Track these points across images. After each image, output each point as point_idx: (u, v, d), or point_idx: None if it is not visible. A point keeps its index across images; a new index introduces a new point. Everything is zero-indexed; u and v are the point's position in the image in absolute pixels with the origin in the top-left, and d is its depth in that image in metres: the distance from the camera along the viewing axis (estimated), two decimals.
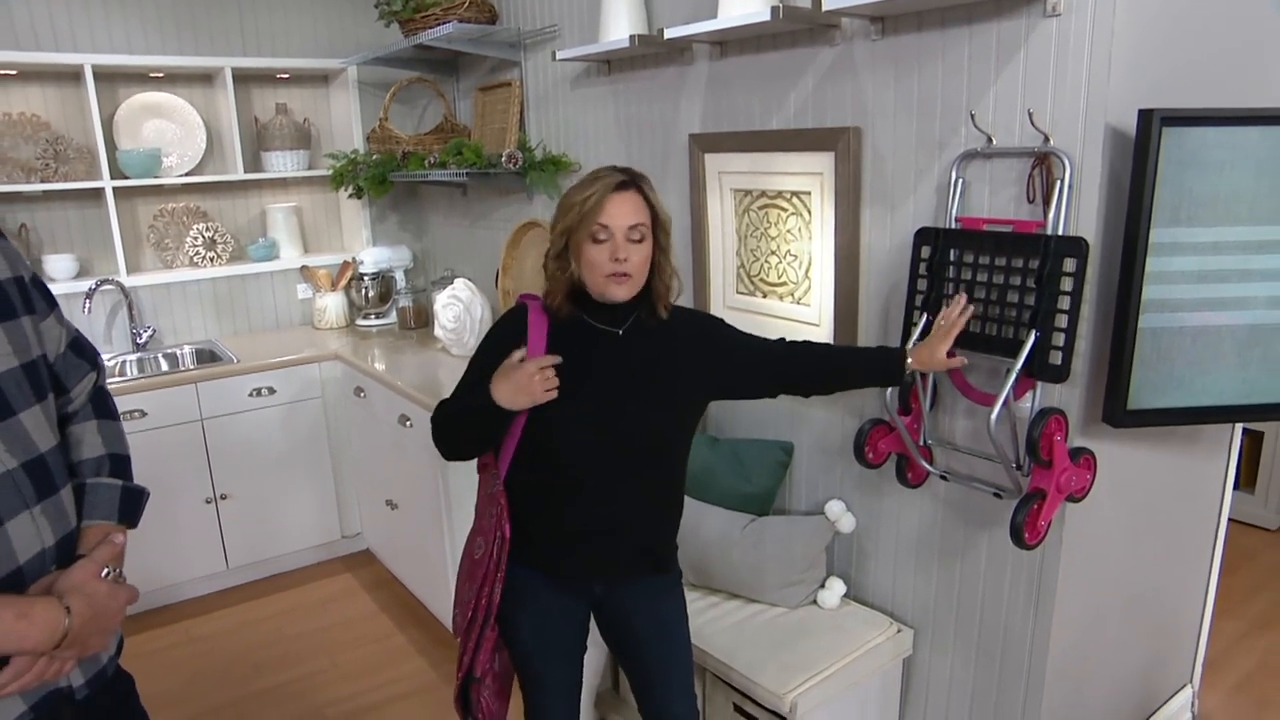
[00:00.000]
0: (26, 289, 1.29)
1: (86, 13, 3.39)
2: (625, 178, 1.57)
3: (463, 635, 1.72)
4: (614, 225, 1.53)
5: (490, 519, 1.65)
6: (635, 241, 1.56)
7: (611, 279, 1.54)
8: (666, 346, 1.67)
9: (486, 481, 1.71)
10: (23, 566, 1.15)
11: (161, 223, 3.79)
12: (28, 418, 1.20)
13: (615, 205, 1.54)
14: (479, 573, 1.66)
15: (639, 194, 1.58)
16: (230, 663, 3.01)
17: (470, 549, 1.75)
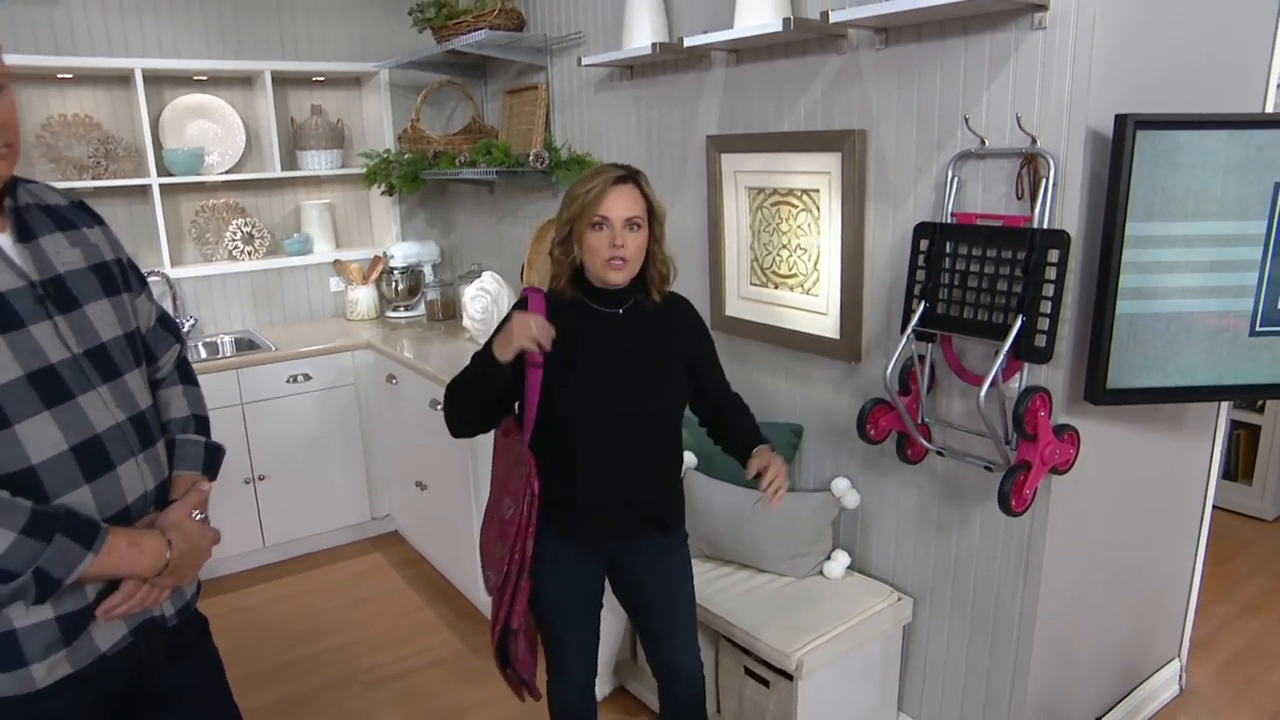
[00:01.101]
0: (125, 269, 1.47)
1: (138, 20, 3.59)
2: (624, 173, 1.74)
3: (498, 591, 1.88)
4: (612, 215, 1.69)
5: (519, 479, 1.79)
6: (631, 230, 1.72)
7: (609, 264, 1.70)
8: (661, 328, 1.83)
9: (511, 446, 1.85)
10: (130, 506, 1.33)
11: (203, 218, 3.98)
12: (131, 379, 1.38)
13: (614, 197, 1.70)
14: (511, 530, 1.80)
15: (636, 188, 1.74)
16: (268, 633, 3.19)
17: (498, 511, 1.89)
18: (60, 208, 1.40)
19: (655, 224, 1.76)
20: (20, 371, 1.21)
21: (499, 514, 1.90)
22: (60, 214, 1.39)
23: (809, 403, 2.47)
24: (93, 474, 1.27)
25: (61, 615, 1.27)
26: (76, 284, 1.34)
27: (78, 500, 1.25)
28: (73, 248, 1.36)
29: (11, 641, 1.23)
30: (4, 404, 1.19)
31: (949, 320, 1.91)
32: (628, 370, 1.77)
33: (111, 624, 1.34)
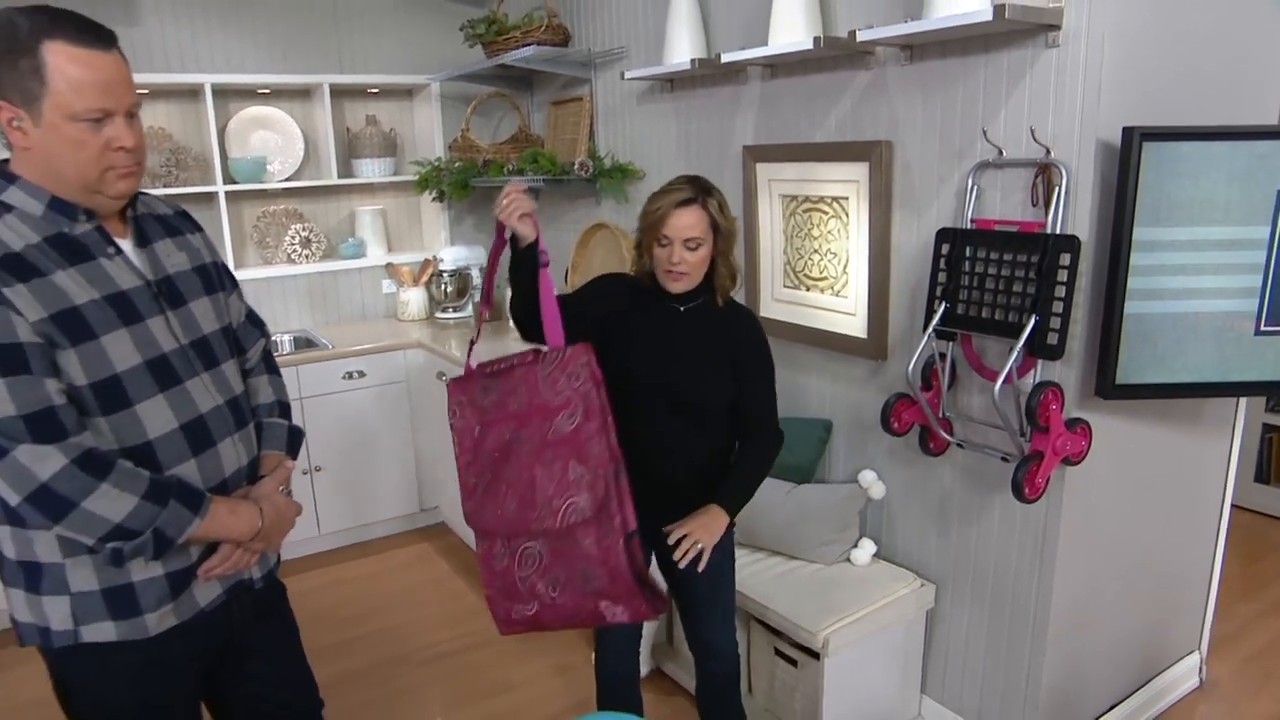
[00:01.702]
0: (220, 271, 1.66)
1: (208, 38, 3.82)
2: (690, 195, 1.86)
3: (601, 502, 1.77)
4: (674, 236, 1.84)
5: (574, 387, 1.78)
6: (690, 249, 1.86)
7: (669, 275, 1.86)
8: (717, 331, 1.97)
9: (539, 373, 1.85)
10: (228, 479, 1.51)
11: (264, 223, 4.21)
12: (227, 368, 1.56)
13: (676, 219, 1.84)
14: (584, 440, 1.75)
15: (701, 209, 1.86)
16: (325, 614, 3.38)
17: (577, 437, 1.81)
18: (168, 216, 1.59)
19: (720, 239, 1.89)
20: (140, 359, 1.40)
21: (579, 440, 1.77)
22: (168, 222, 1.58)
23: (838, 399, 2.60)
24: (198, 449, 1.46)
25: (170, 573, 1.45)
26: (183, 283, 1.52)
27: (186, 472, 1.44)
28: (179, 251, 1.55)
29: (129, 593, 1.42)
30: (127, 387, 1.38)
31: (968, 320, 2.03)
32: (676, 358, 1.91)
33: (209, 584, 1.52)
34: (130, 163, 1.39)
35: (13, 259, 1.30)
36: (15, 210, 1.35)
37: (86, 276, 1.37)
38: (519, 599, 1.85)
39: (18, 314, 1.27)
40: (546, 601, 1.83)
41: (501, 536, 1.83)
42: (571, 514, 1.74)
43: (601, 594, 1.81)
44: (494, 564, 1.86)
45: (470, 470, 1.87)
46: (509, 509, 1.79)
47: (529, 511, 1.77)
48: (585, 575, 1.79)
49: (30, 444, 1.26)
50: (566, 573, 1.80)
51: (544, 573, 1.82)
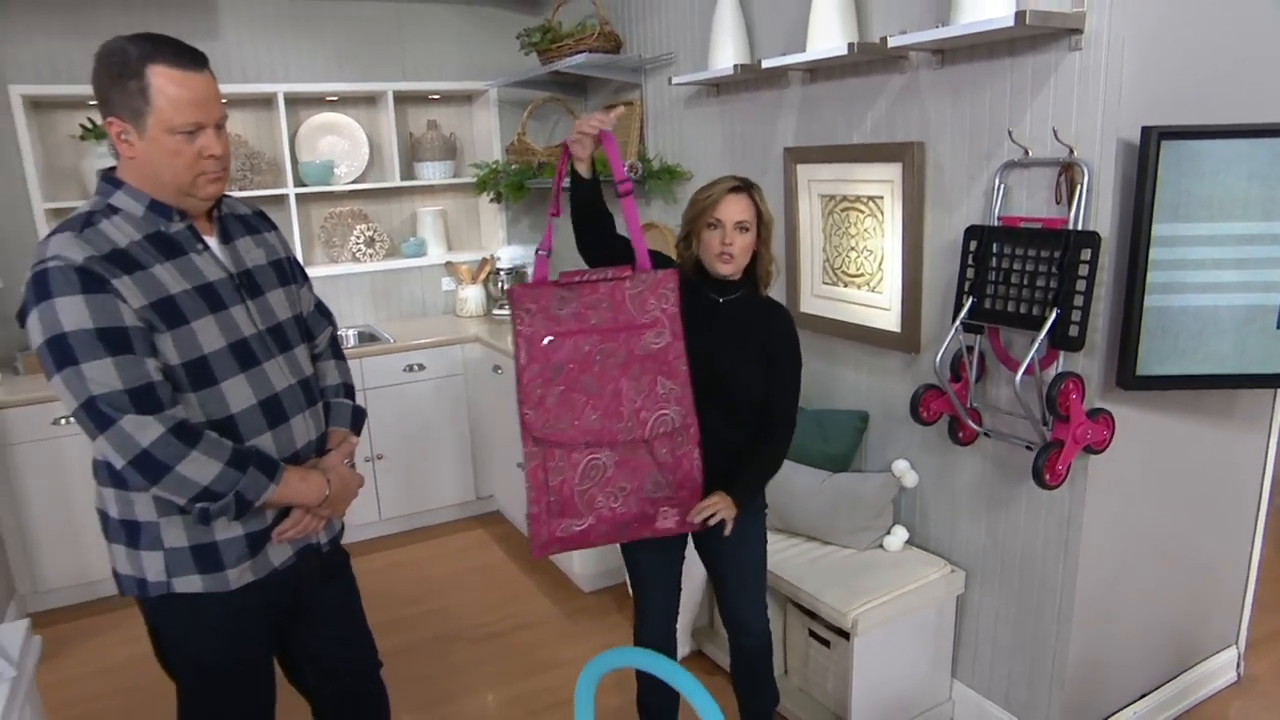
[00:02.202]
0: (292, 265, 1.83)
1: (282, 50, 4.06)
2: (739, 184, 2.01)
3: (688, 411, 1.94)
4: (725, 218, 1.97)
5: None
6: (740, 232, 1.99)
7: (719, 258, 1.98)
8: (754, 323, 2.08)
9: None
10: (299, 450, 1.68)
11: (330, 223, 4.44)
12: (299, 352, 1.74)
13: (728, 204, 1.98)
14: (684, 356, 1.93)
15: (748, 198, 2.01)
16: (383, 594, 3.57)
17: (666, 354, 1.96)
18: (247, 216, 1.77)
19: (763, 229, 2.02)
20: (224, 342, 1.57)
21: (629, 353, 1.89)
22: (248, 221, 1.76)
23: (873, 391, 2.69)
24: (273, 423, 1.63)
25: (248, 533, 1.62)
26: (261, 276, 1.70)
27: (263, 444, 1.61)
28: (257, 248, 1.73)
29: (214, 550, 1.60)
30: (213, 367, 1.55)
31: (994, 313, 2.11)
32: (713, 348, 2.03)
33: (281, 546, 1.69)
34: (218, 169, 1.56)
35: (119, 254, 1.49)
36: (121, 212, 1.54)
37: (180, 269, 1.56)
38: (572, 514, 1.93)
39: (124, 301, 1.46)
40: (604, 514, 1.94)
41: (568, 447, 1.89)
42: (661, 425, 1.90)
43: (665, 500, 1.96)
44: (549, 479, 1.91)
45: (537, 379, 1.89)
46: (589, 420, 1.88)
47: (614, 422, 1.88)
48: (654, 483, 1.95)
49: (134, 414, 1.44)
50: (633, 482, 1.94)
51: (606, 484, 1.93)
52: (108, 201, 1.54)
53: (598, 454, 1.90)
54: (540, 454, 1.90)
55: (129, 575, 1.63)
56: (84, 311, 1.43)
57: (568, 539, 1.94)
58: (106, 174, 1.58)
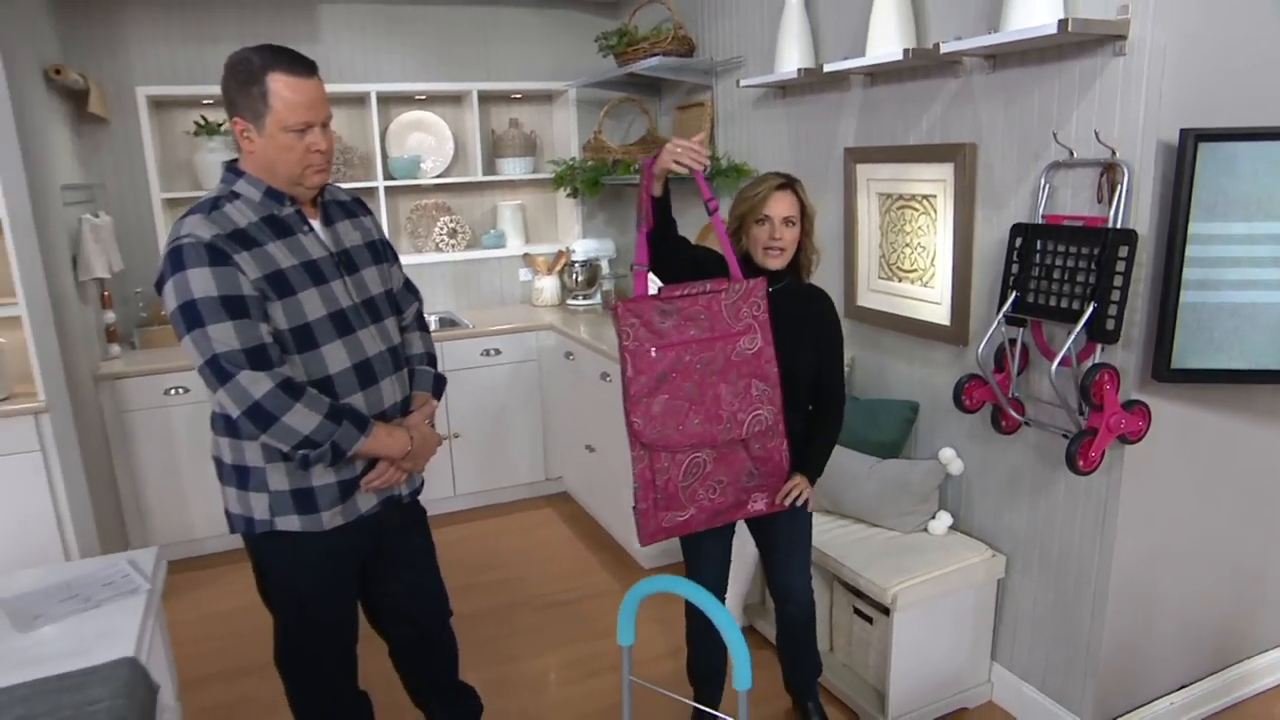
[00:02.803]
0: (385, 247, 2.05)
1: (375, 53, 4.35)
2: (784, 181, 2.16)
3: (778, 409, 2.13)
4: (773, 214, 2.12)
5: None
6: (787, 227, 2.14)
7: (768, 252, 2.13)
8: (801, 309, 2.22)
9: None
10: (386, 410, 1.90)
11: (416, 215, 4.72)
12: (389, 323, 1.95)
13: (775, 201, 2.13)
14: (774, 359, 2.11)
15: (793, 193, 2.16)
16: (455, 564, 3.80)
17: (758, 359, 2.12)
18: (347, 202, 2.00)
19: (807, 222, 2.17)
20: (325, 312, 1.80)
21: (726, 360, 2.05)
22: (347, 206, 1.98)
23: (924, 382, 2.80)
24: (365, 385, 1.85)
25: (340, 481, 1.85)
26: (357, 255, 1.92)
27: (355, 402, 1.83)
28: (355, 230, 1.95)
29: (311, 495, 1.82)
30: (315, 333, 1.78)
31: (1035, 307, 2.21)
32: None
33: (368, 495, 1.91)
34: (323, 162, 1.79)
35: (240, 233, 1.72)
36: (242, 197, 1.77)
37: (289, 247, 1.79)
38: (675, 506, 2.12)
39: (242, 273, 1.69)
40: (704, 504, 2.14)
41: (674, 450, 2.05)
42: (756, 424, 2.09)
43: (757, 488, 2.18)
44: (656, 478, 2.07)
45: (644, 389, 2.02)
46: (692, 424, 2.04)
47: (714, 425, 2.06)
48: (747, 474, 2.15)
49: (249, 370, 1.67)
50: (729, 475, 2.13)
51: (706, 479, 2.13)
52: (231, 188, 1.78)
53: (699, 453, 2.09)
54: (647, 456, 2.07)
55: (239, 514, 1.87)
56: (210, 281, 1.66)
57: (672, 528, 2.14)
58: (230, 165, 1.82)
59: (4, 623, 1.53)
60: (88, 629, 1.49)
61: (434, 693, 2.27)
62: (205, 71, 4.01)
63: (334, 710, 2.07)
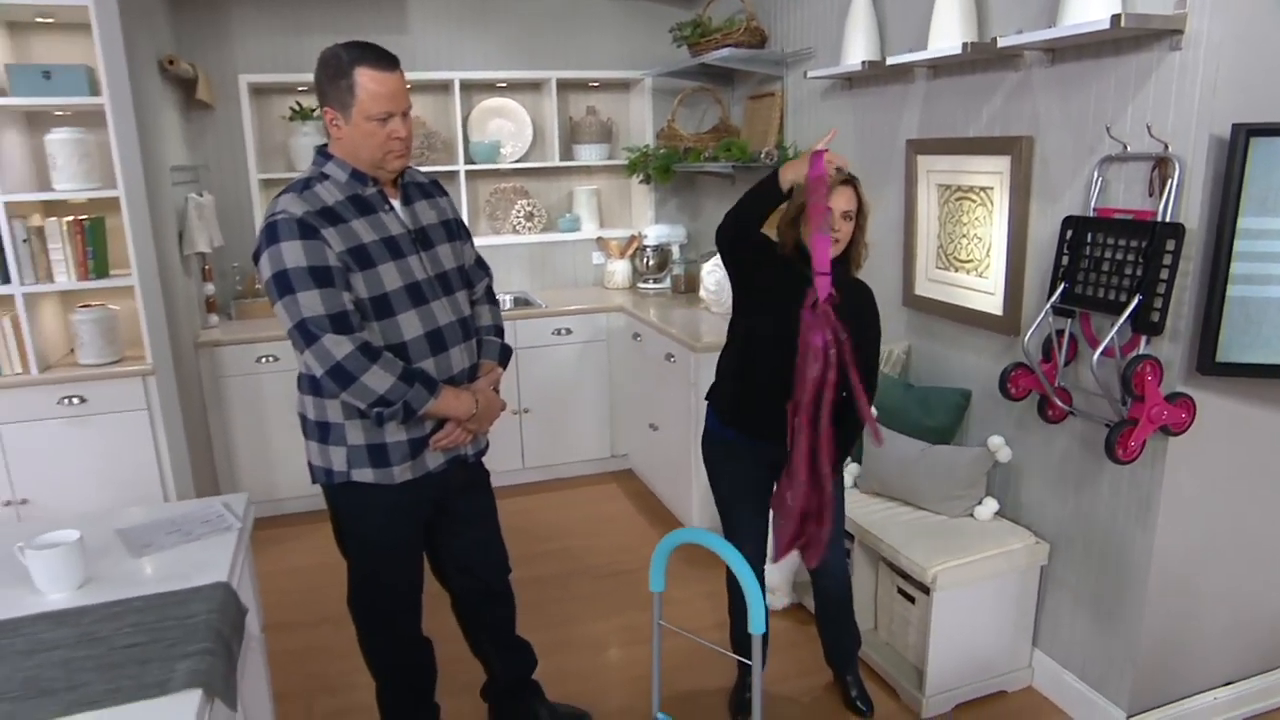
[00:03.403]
0: (459, 225, 2.21)
1: (460, 43, 4.54)
2: (848, 177, 2.24)
3: None
4: (835, 207, 2.20)
5: None
6: (845, 220, 2.23)
7: None
8: (847, 296, 2.30)
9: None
10: (454, 375, 2.06)
11: (495, 198, 4.91)
12: (460, 295, 2.12)
13: (838, 195, 2.22)
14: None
15: (854, 190, 2.24)
16: (519, 532, 3.98)
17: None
18: (425, 184, 2.16)
19: (862, 218, 2.26)
20: (401, 283, 1.97)
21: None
22: (425, 188, 2.15)
23: (977, 370, 2.84)
24: (435, 351, 2.02)
25: (410, 439, 2.02)
26: (433, 233, 2.09)
27: (426, 366, 2.00)
28: (431, 210, 2.12)
29: (383, 450, 2.00)
30: (392, 302, 1.95)
31: (1083, 298, 2.24)
32: None
33: (436, 454, 2.08)
34: (402, 148, 1.96)
35: (327, 210, 1.90)
36: (330, 178, 1.95)
37: (370, 224, 1.96)
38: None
39: (329, 246, 1.87)
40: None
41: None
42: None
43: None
44: None
45: None
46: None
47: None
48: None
49: (332, 334, 1.85)
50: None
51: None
52: (320, 170, 1.97)
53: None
54: None
55: (319, 466, 2.06)
56: (300, 253, 1.85)
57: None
58: (321, 149, 2.00)
59: (121, 549, 1.75)
60: (189, 558, 1.70)
61: (492, 644, 2.44)
62: (301, 60, 4.26)
63: (398, 651, 2.26)
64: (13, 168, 3.26)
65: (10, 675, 1.31)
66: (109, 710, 1.22)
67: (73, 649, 1.37)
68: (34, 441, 3.31)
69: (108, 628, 1.43)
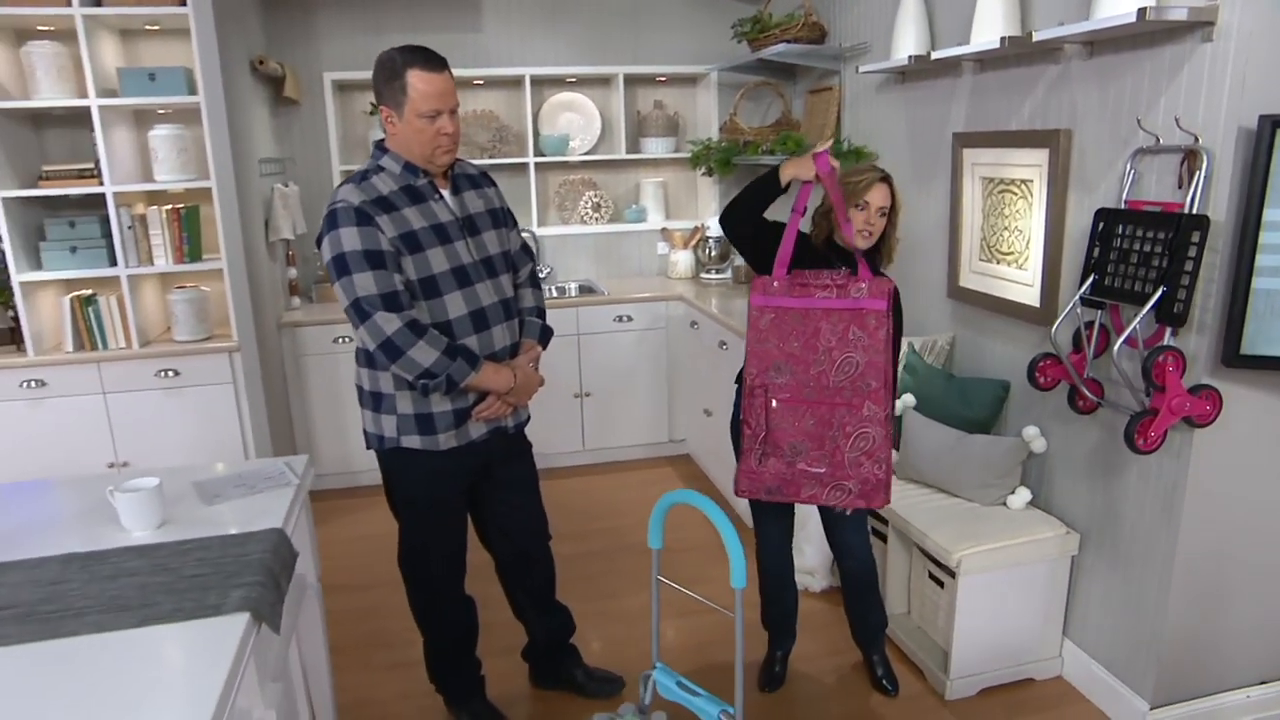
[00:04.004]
0: (505, 214, 2.38)
1: (531, 40, 4.73)
2: (884, 174, 2.33)
3: None
4: (872, 202, 2.29)
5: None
6: (880, 216, 2.31)
7: (860, 233, 2.30)
8: None
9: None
10: (496, 351, 2.23)
11: (564, 189, 5.09)
12: (504, 279, 2.28)
13: (876, 190, 2.31)
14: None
15: (889, 187, 2.33)
16: (574, 509, 4.16)
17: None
18: (474, 175, 2.33)
19: (895, 214, 2.34)
20: (448, 266, 2.14)
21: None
22: (474, 179, 2.32)
23: (1015, 362, 2.87)
24: (478, 329, 2.18)
25: (455, 409, 2.19)
26: (480, 220, 2.26)
27: (469, 343, 2.17)
28: (479, 199, 2.29)
29: (430, 419, 2.18)
30: (439, 283, 2.12)
31: (1111, 290, 2.27)
32: None
33: (478, 424, 2.25)
34: (450, 144, 2.13)
35: (382, 199, 2.09)
36: (385, 170, 2.14)
37: (421, 212, 2.13)
38: (778, 453, 2.35)
39: (382, 232, 2.05)
40: (798, 475, 2.34)
41: (764, 363, 2.33)
42: (847, 368, 2.30)
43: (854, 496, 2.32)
44: (769, 420, 2.35)
45: (759, 323, 2.34)
46: (792, 346, 2.32)
47: (810, 355, 2.31)
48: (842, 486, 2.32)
49: (383, 311, 2.03)
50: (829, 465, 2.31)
51: (808, 456, 2.34)
52: (377, 163, 2.15)
53: (799, 408, 2.32)
54: (758, 396, 2.34)
55: (373, 433, 2.25)
56: (356, 238, 2.03)
57: (769, 478, 2.37)
58: (379, 143, 2.19)
59: (195, 498, 1.97)
60: (251, 507, 1.91)
61: (531, 606, 2.61)
62: None
63: (441, 607, 2.44)
64: (121, 162, 3.59)
65: (99, 594, 1.53)
66: (174, 625, 1.42)
67: (148, 576, 1.58)
68: (135, 410, 3.63)
69: (177, 561, 1.64)
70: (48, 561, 1.67)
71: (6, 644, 1.40)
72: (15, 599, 1.53)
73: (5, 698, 1.28)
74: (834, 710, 2.65)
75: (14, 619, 1.46)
